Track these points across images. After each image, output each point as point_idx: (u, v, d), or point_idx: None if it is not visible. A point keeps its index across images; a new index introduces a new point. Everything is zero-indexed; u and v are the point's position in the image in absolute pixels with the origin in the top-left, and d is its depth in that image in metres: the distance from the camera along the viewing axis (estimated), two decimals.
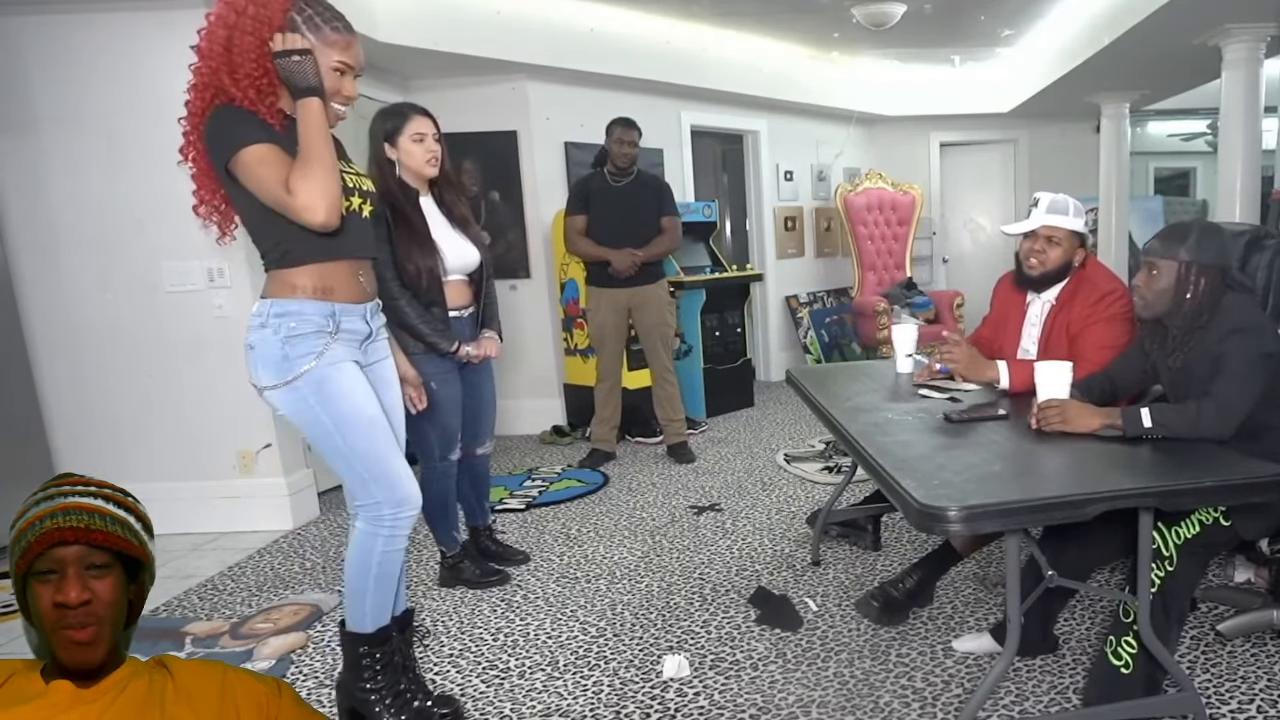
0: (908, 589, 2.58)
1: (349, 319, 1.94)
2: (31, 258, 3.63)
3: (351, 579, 2.02)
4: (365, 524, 1.99)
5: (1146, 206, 8.10)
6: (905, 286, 6.97)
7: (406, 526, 2.01)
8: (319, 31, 1.81)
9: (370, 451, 1.93)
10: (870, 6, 5.08)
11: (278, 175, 1.74)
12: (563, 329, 5.32)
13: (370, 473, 1.94)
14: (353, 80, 1.89)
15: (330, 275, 1.89)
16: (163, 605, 3.02)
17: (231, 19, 1.75)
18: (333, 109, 1.87)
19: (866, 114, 7.32)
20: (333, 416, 1.89)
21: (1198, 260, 2.01)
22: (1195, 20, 4.51)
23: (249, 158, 1.74)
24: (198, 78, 1.79)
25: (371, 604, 2.03)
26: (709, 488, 4.10)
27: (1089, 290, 2.52)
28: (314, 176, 1.73)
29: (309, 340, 1.86)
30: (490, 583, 3.01)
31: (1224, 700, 2.09)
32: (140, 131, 3.44)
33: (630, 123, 4.28)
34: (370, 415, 1.93)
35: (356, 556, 2.00)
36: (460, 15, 4.55)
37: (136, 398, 3.71)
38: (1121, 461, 1.88)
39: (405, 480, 1.99)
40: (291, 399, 1.88)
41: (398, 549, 2.01)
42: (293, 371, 1.85)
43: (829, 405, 2.57)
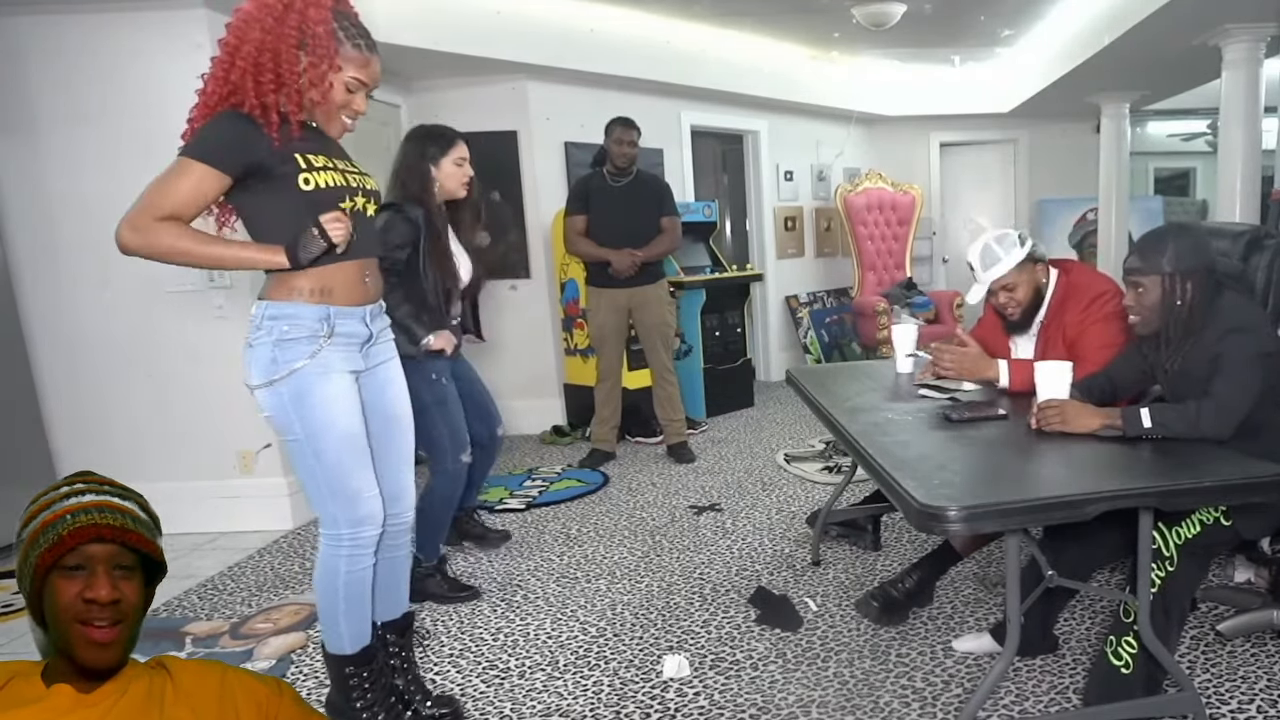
0: (907, 589, 2.58)
1: (346, 322, 1.90)
2: (31, 258, 3.64)
3: (322, 602, 1.99)
4: (326, 545, 1.96)
5: (1146, 206, 8.10)
6: (905, 286, 6.97)
7: (369, 545, 1.97)
8: (343, 45, 1.81)
9: (336, 464, 1.90)
10: (870, 6, 5.08)
11: (174, 197, 1.71)
12: (563, 329, 5.32)
13: (331, 486, 1.91)
14: (364, 97, 1.89)
15: (331, 277, 1.86)
16: (163, 605, 3.02)
17: (269, 23, 1.73)
18: (341, 122, 1.87)
19: (866, 114, 7.32)
20: (305, 423, 1.86)
21: (1179, 268, 2.01)
22: (1195, 20, 4.51)
23: (184, 166, 1.73)
24: (218, 70, 1.76)
25: (347, 625, 1.99)
26: (709, 488, 4.10)
27: (1079, 295, 2.50)
28: (178, 245, 1.71)
29: (300, 345, 1.84)
30: (459, 598, 2.92)
31: (1224, 700, 2.09)
32: (140, 131, 3.44)
33: (629, 122, 4.28)
34: (344, 429, 1.89)
35: (323, 579, 1.97)
36: (460, 15, 4.55)
37: (136, 398, 3.71)
38: (1121, 461, 1.88)
39: (367, 499, 1.95)
40: (272, 401, 1.86)
41: (363, 568, 1.97)
42: (278, 373, 1.83)
43: (829, 405, 2.57)
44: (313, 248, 1.78)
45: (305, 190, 1.80)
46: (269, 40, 1.73)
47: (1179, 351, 2.07)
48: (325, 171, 1.84)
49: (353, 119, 1.90)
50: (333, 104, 1.83)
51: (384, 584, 2.09)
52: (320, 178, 1.82)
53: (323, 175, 1.83)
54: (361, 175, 1.98)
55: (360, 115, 1.91)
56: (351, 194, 1.89)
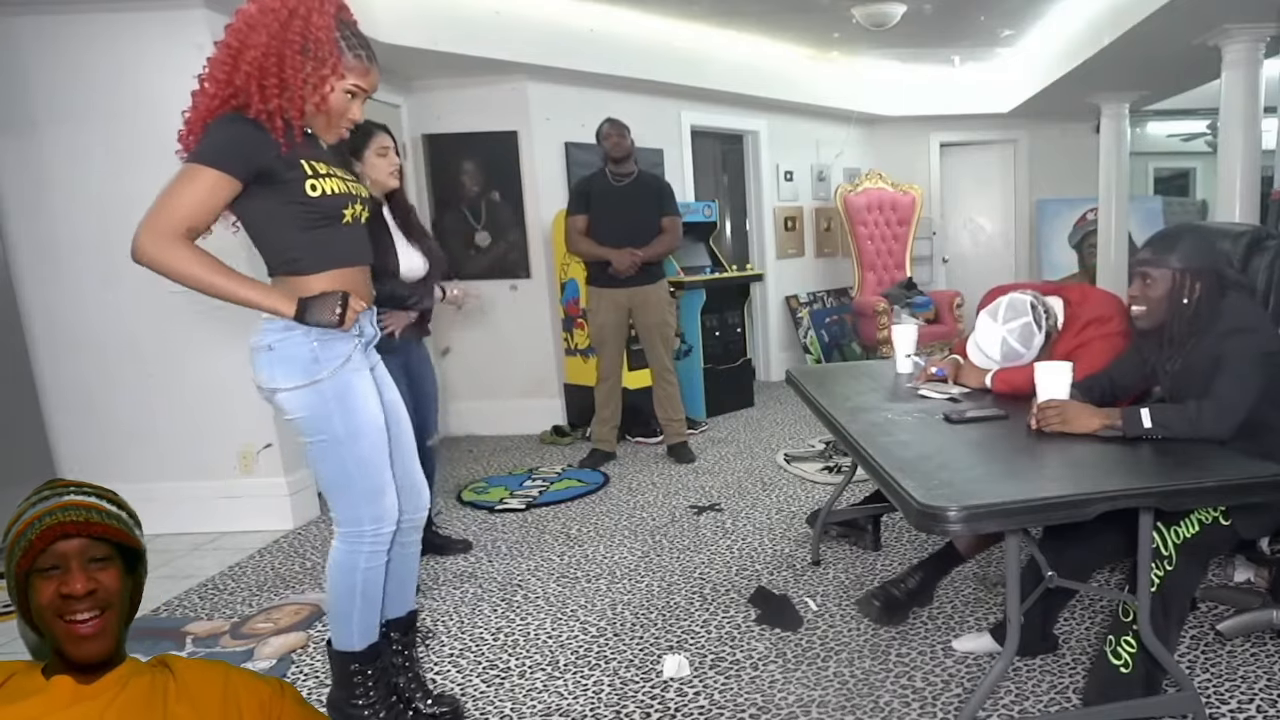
0: (909, 589, 2.58)
1: (364, 324, 1.95)
2: (32, 258, 3.64)
3: (336, 601, 1.99)
4: (344, 543, 1.95)
5: (1146, 206, 8.10)
6: (905, 286, 6.97)
7: (387, 541, 1.98)
8: (344, 55, 1.81)
9: (372, 461, 1.92)
10: (870, 6, 5.08)
11: (189, 206, 1.70)
12: (563, 329, 5.32)
13: (363, 484, 1.92)
14: (361, 105, 1.89)
15: (348, 282, 1.88)
16: (163, 605, 3.02)
17: (274, 28, 1.72)
18: (338, 130, 1.87)
19: (866, 114, 7.32)
20: (348, 421, 1.87)
21: (1190, 266, 2.02)
22: (1195, 20, 4.51)
23: (195, 172, 1.71)
24: (219, 73, 1.74)
25: (359, 623, 1.99)
26: (709, 488, 4.10)
27: (1080, 317, 2.50)
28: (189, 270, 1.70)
29: (340, 344, 1.85)
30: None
31: (1224, 700, 2.09)
32: (140, 131, 3.44)
33: (614, 120, 4.33)
34: (381, 425, 1.93)
35: (339, 576, 1.96)
36: (460, 15, 4.55)
37: (137, 398, 3.71)
38: (1121, 461, 1.88)
39: (389, 494, 1.96)
40: (312, 400, 1.84)
41: (379, 565, 1.98)
42: (320, 372, 1.83)
43: (829, 405, 2.58)
44: (326, 317, 1.77)
45: (312, 196, 1.81)
46: (274, 45, 1.72)
47: (1180, 351, 2.08)
48: (330, 179, 1.85)
49: (348, 127, 1.90)
50: (332, 111, 1.83)
51: (395, 580, 2.10)
52: (326, 185, 1.83)
53: (328, 182, 1.84)
54: (356, 183, 1.99)
55: (355, 124, 1.91)
56: (352, 201, 1.91)
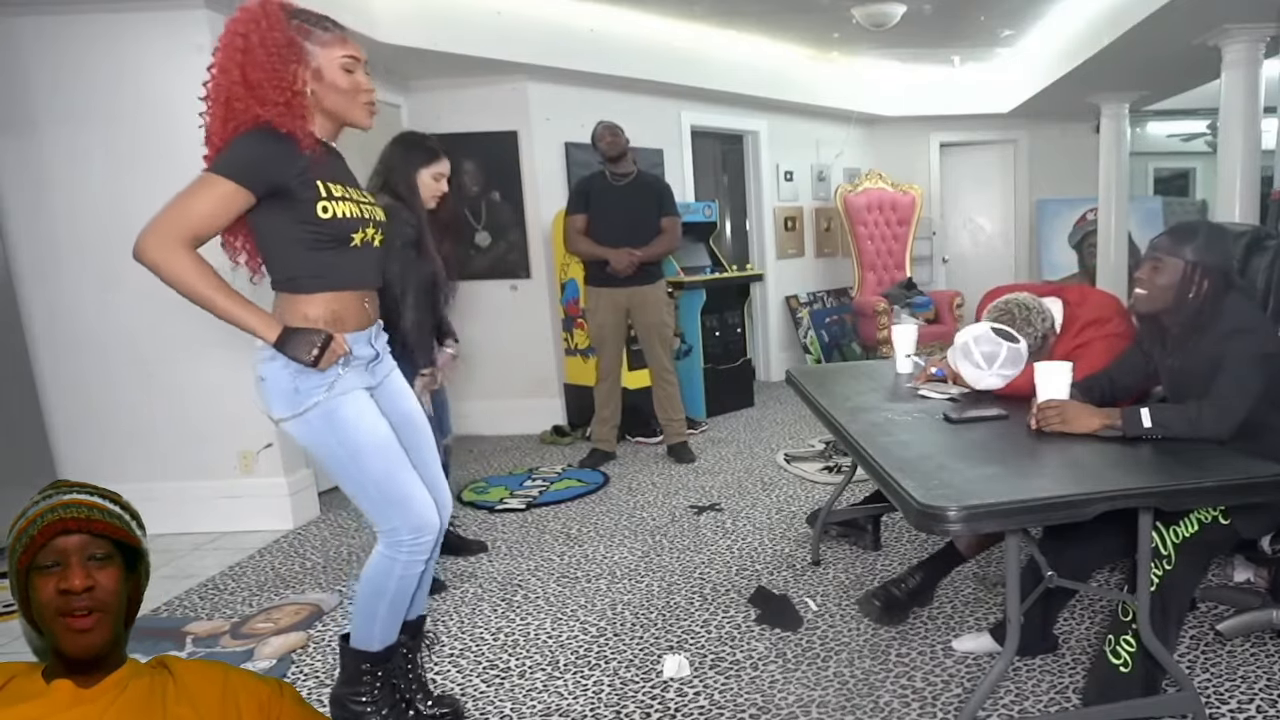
0: (910, 589, 2.58)
1: (356, 347, 1.92)
2: (32, 258, 3.64)
3: (365, 600, 2.00)
4: (385, 549, 1.97)
5: (1146, 207, 8.10)
6: (905, 286, 6.97)
7: (425, 551, 1.98)
8: (311, 36, 1.81)
9: (384, 473, 1.91)
10: (870, 7, 5.08)
11: (200, 215, 1.71)
12: (563, 329, 5.32)
13: (385, 496, 1.93)
14: (365, 73, 1.88)
15: (340, 304, 1.88)
16: (163, 605, 3.02)
17: (241, 48, 1.73)
18: (364, 108, 1.87)
19: (866, 114, 7.32)
20: (345, 444, 1.88)
21: (1203, 261, 2.02)
22: (1195, 20, 4.51)
23: (212, 182, 1.72)
24: (218, 94, 1.76)
25: (382, 625, 2.01)
26: (709, 488, 4.10)
27: (1080, 318, 2.49)
28: (185, 278, 1.74)
29: (316, 374, 1.84)
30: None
31: (1223, 700, 2.09)
32: (141, 131, 3.44)
33: (607, 122, 4.34)
34: (382, 436, 1.91)
35: (373, 580, 1.98)
36: (460, 15, 4.55)
37: (137, 398, 3.71)
38: (1121, 461, 1.88)
39: (420, 503, 1.96)
40: (304, 430, 1.87)
41: (414, 573, 1.99)
42: (303, 404, 1.83)
43: (829, 405, 2.58)
44: (302, 355, 1.78)
45: (322, 218, 1.82)
46: (250, 70, 1.73)
47: (1179, 347, 2.08)
48: (344, 202, 1.86)
49: (369, 102, 1.89)
50: (343, 89, 1.83)
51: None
52: (338, 208, 1.84)
53: (340, 205, 1.84)
54: (372, 206, 1.99)
55: (373, 95, 1.90)
56: (364, 225, 1.90)
